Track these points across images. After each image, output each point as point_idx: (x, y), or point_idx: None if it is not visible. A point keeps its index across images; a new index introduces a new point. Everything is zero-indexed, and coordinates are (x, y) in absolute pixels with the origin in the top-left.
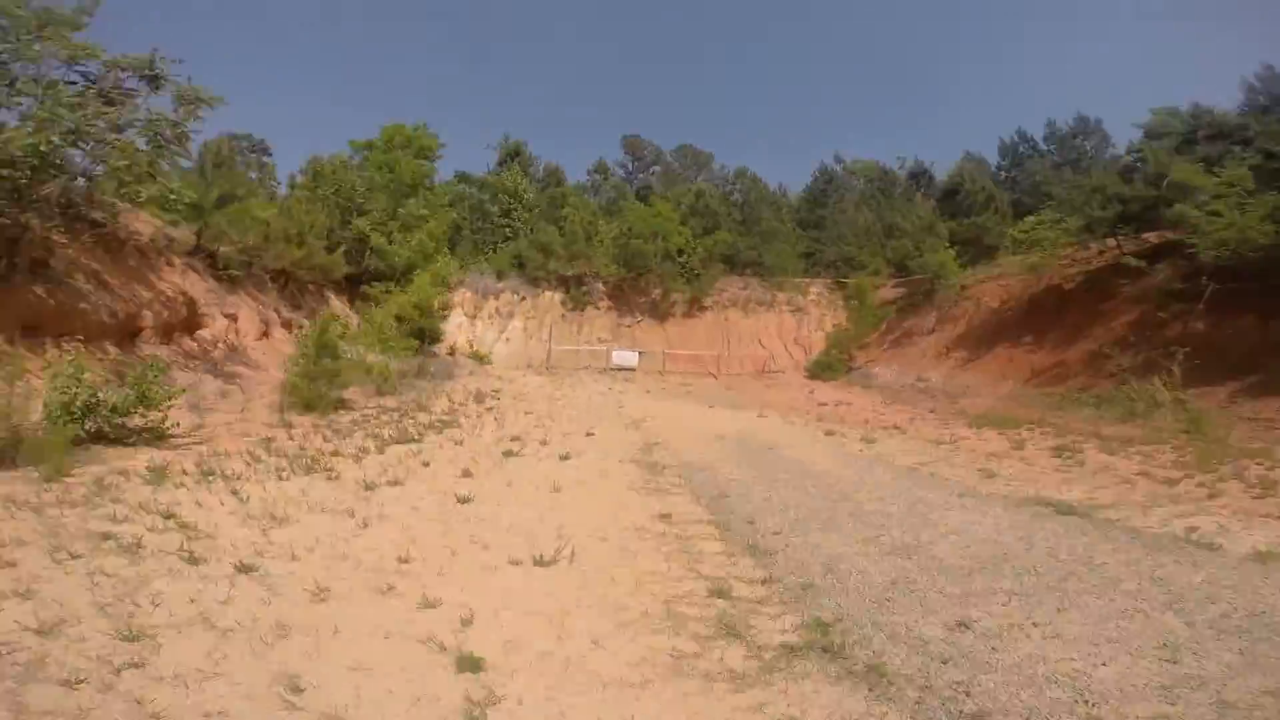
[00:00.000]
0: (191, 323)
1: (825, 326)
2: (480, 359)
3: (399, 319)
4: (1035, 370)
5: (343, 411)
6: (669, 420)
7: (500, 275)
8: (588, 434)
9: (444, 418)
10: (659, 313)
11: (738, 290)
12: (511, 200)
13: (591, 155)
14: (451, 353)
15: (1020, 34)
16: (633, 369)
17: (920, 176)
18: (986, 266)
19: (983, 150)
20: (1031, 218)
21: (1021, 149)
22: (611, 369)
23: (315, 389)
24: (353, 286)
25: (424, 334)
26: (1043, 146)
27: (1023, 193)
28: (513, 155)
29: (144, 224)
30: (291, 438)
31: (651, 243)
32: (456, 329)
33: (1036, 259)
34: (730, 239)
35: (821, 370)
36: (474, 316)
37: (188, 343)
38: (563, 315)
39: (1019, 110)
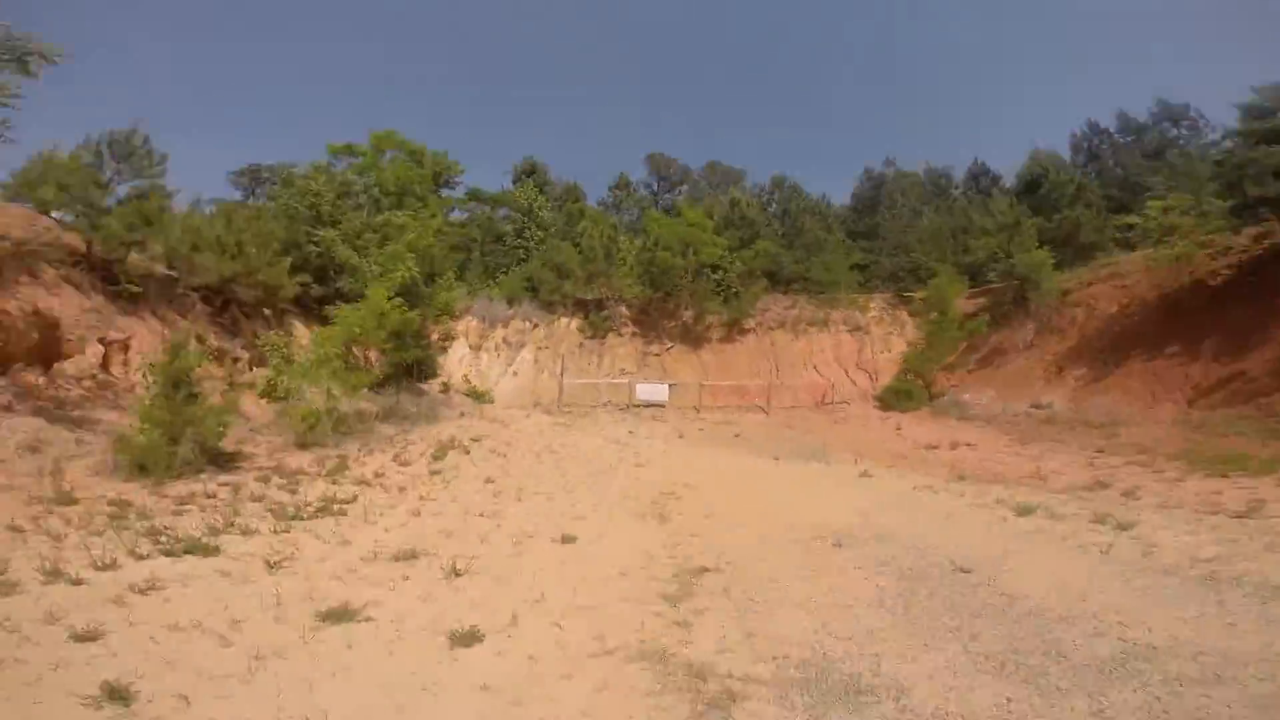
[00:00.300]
0: (47, 352)
1: (892, 348)
2: (478, 397)
3: (356, 344)
4: (1199, 387)
5: (213, 472)
6: (718, 489)
7: (511, 301)
8: (563, 539)
9: (348, 491)
10: (692, 338)
11: (783, 310)
12: (525, 219)
13: (613, 175)
14: (445, 389)
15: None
16: (663, 404)
17: (981, 177)
18: (1087, 268)
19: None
20: (1158, 202)
21: (1096, 141)
22: (637, 405)
23: (158, 442)
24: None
25: (413, 367)
26: (1119, 138)
27: (1111, 186)
28: (528, 173)
29: (18, 222)
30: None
31: (681, 257)
32: (458, 362)
33: (1179, 250)
34: (773, 249)
35: (898, 399)
36: (479, 348)
37: (30, 377)
38: (580, 344)
39: (1060, 111)
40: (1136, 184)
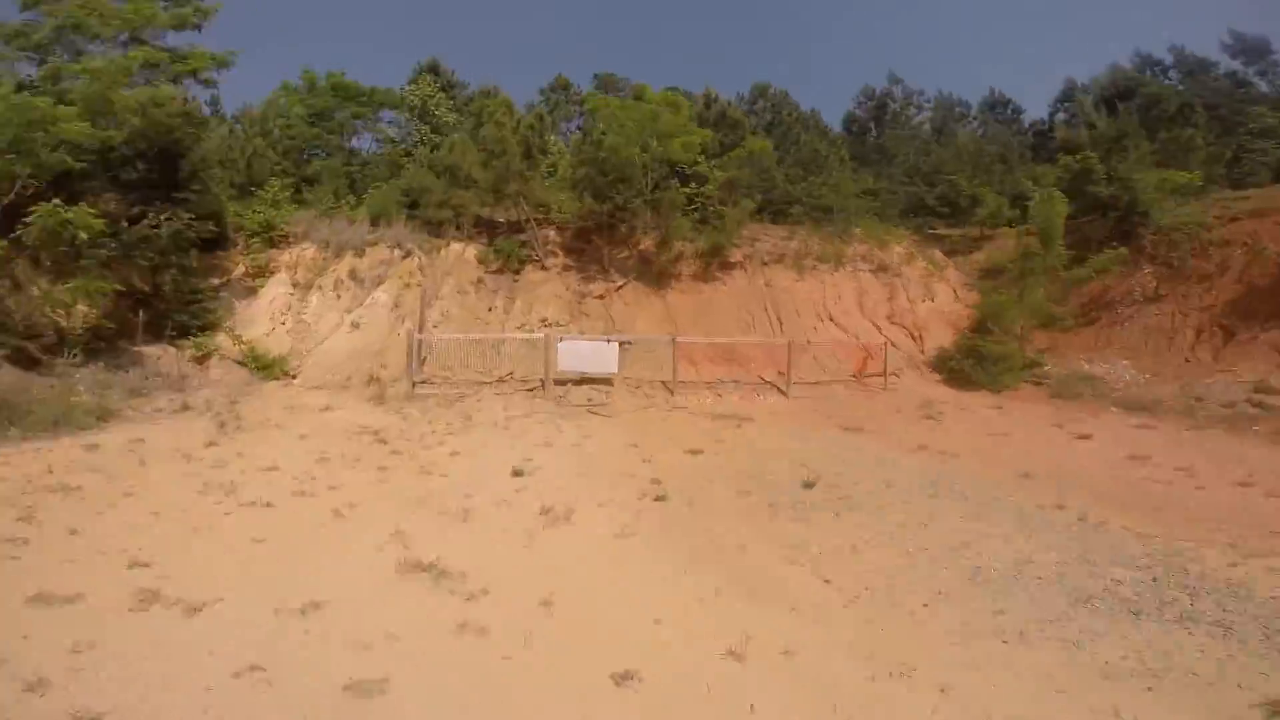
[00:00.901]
0: None
1: (935, 295)
2: (264, 368)
3: None
4: None
5: None
6: None
7: (378, 222)
8: None
9: None
10: (653, 274)
11: (779, 241)
12: (415, 120)
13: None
14: (203, 357)
15: None
16: (609, 379)
17: (1000, 107)
18: (1216, 198)
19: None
20: None
21: (1150, 72)
22: (561, 382)
23: None
24: None
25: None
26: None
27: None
28: (430, 69)
29: None
30: None
31: (641, 151)
32: (270, 308)
33: None
34: (768, 152)
35: (978, 370)
36: (309, 286)
37: None
38: (478, 281)
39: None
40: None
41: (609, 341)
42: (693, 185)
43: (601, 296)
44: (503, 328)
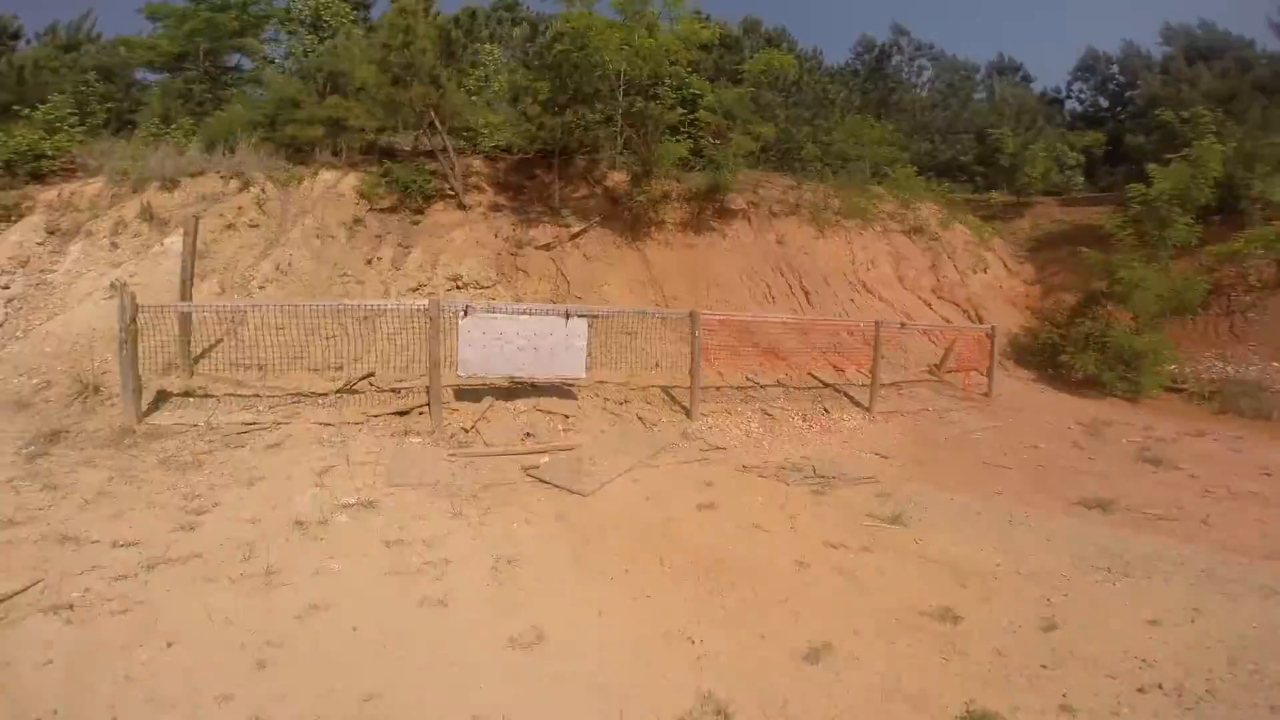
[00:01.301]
0: None
1: (987, 267)
2: None
3: None
4: None
5: None
6: None
7: (215, 147)
8: None
9: None
10: (628, 219)
11: (785, 190)
12: (304, 33)
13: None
14: None
15: None
16: (567, 388)
17: (1009, 73)
18: None
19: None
20: None
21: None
22: (472, 389)
23: None
24: None
25: None
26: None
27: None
28: None
29: None
30: None
31: (614, 58)
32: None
33: None
34: (791, 63)
35: (1106, 367)
36: (76, 232)
37: None
38: (355, 221)
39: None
40: None
41: (569, 316)
42: (684, 111)
43: (548, 246)
44: (386, 291)
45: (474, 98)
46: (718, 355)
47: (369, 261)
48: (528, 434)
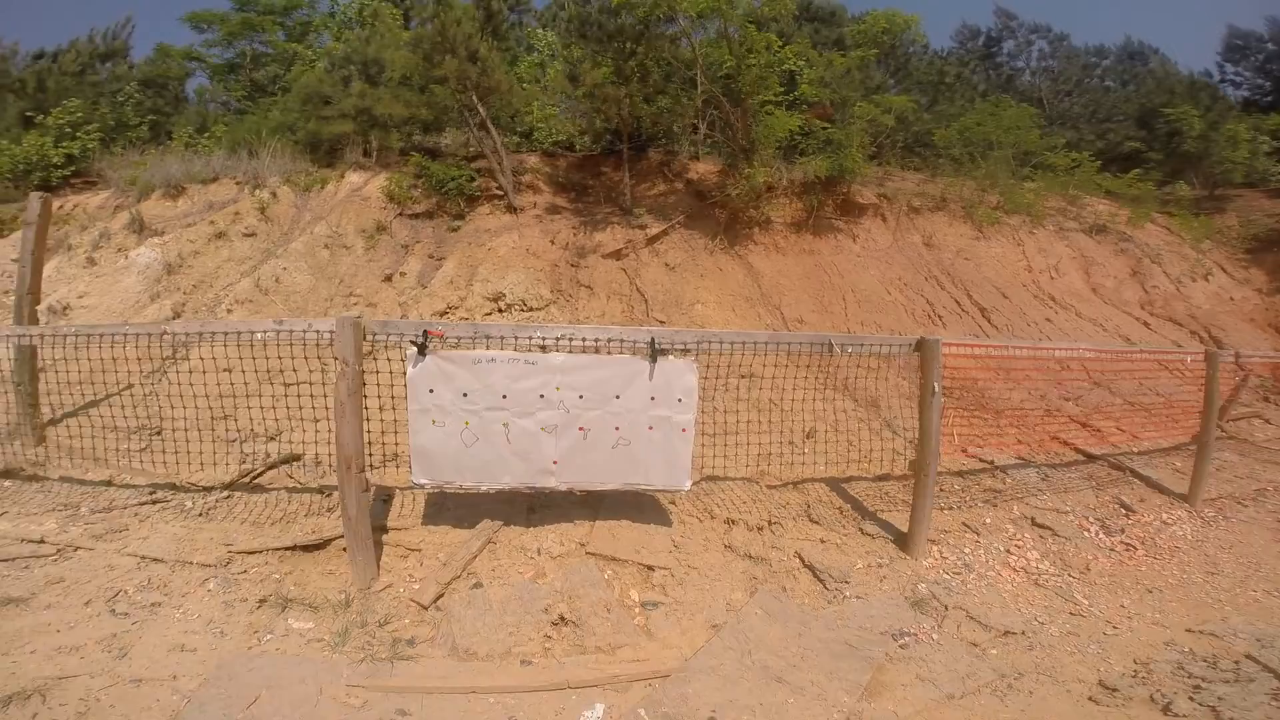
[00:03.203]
0: None
1: (1210, 276)
2: None
3: None
4: None
5: None
6: None
7: (238, 152)
8: None
9: None
10: (721, 218)
11: (919, 184)
12: (331, 32)
13: None
14: None
15: None
16: (654, 496)
17: (1138, 57)
18: None
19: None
20: None
21: None
22: (457, 491)
23: None
24: None
25: None
26: None
27: None
28: None
29: None
30: None
31: (697, 18)
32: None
33: None
34: (917, 22)
35: None
36: (61, 245)
37: None
38: (377, 229)
39: None
40: None
41: (659, 352)
42: (787, 93)
43: (619, 253)
44: (404, 314)
45: (524, 84)
46: (968, 423)
47: (388, 278)
48: (561, 619)
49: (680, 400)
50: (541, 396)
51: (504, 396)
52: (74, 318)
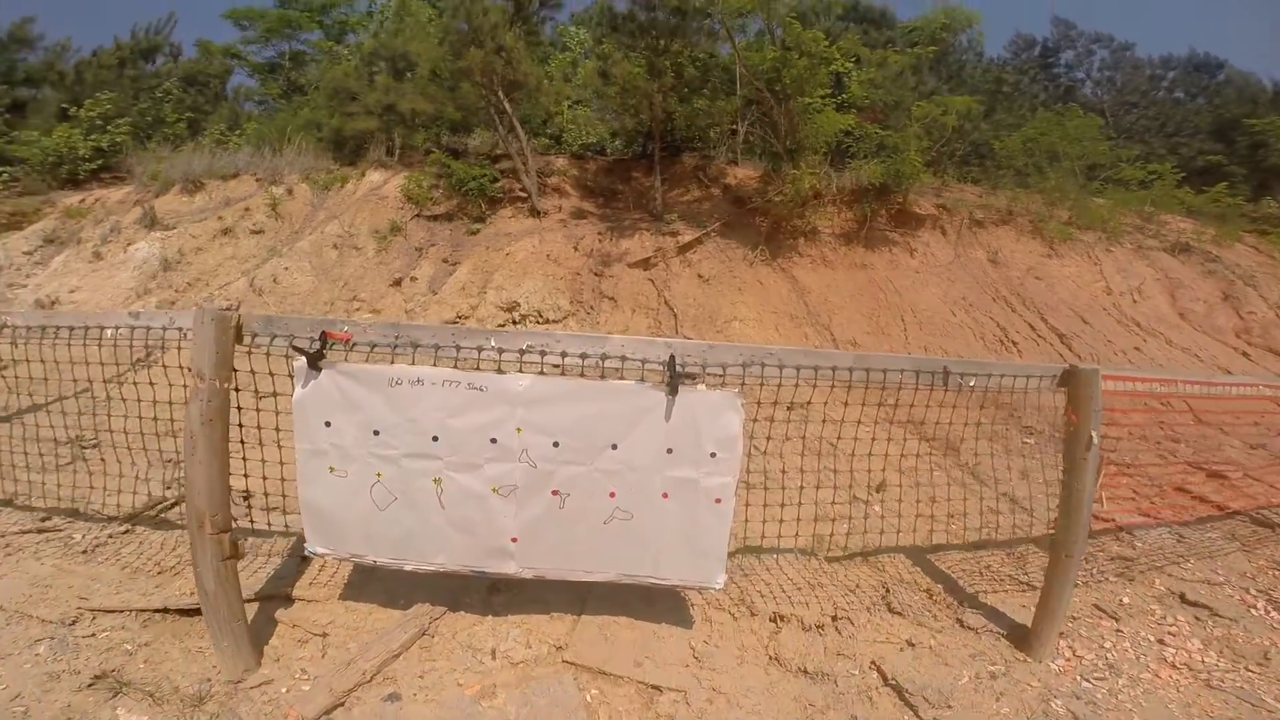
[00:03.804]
0: None
1: None
2: None
3: None
4: None
5: None
6: None
7: (262, 149)
8: None
9: None
10: (762, 226)
11: (981, 195)
12: (337, 32)
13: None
14: None
15: None
16: (668, 583)
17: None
18: None
19: None
20: None
21: None
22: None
23: None
24: None
25: None
26: None
27: None
28: None
29: None
30: None
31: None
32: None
33: None
34: (978, 20)
35: None
36: (70, 240)
37: None
38: (391, 229)
39: None
40: None
41: (676, 372)
42: (833, 95)
43: (647, 263)
44: (408, 315)
45: (553, 81)
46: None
47: (396, 282)
48: None
49: (714, 455)
50: (493, 441)
51: (435, 439)
52: (60, 312)
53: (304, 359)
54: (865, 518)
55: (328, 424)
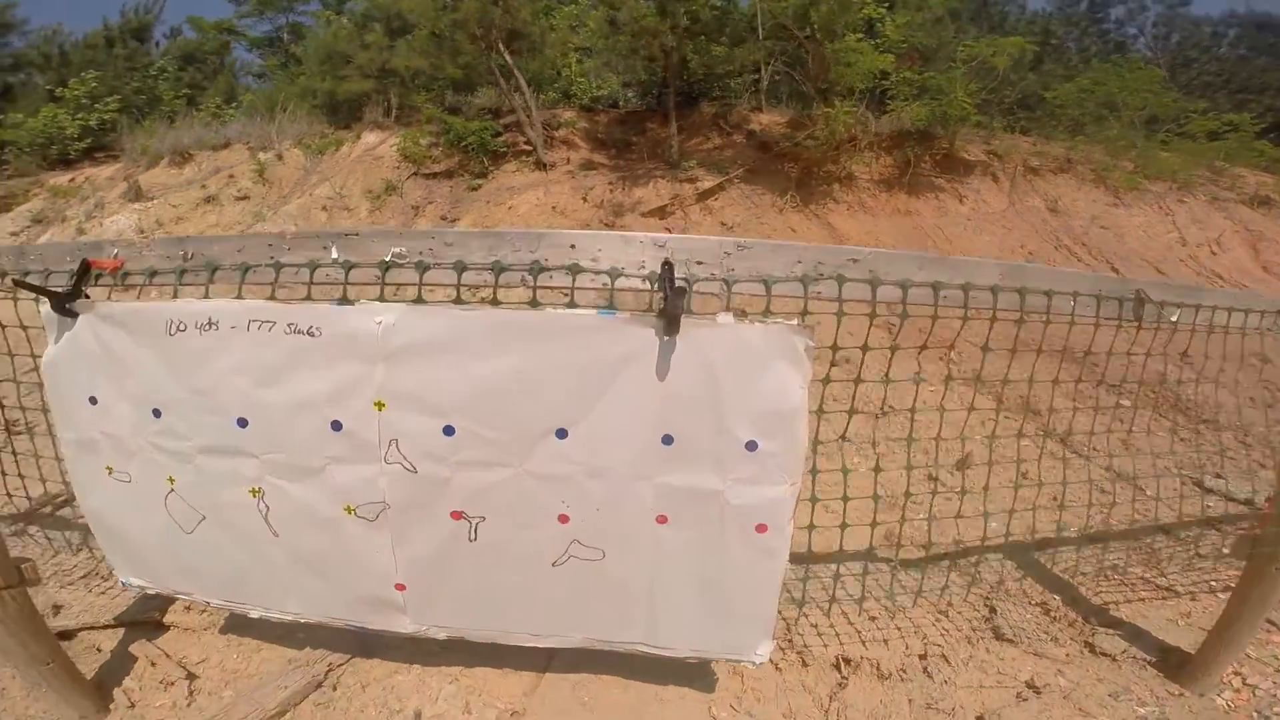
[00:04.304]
0: None
1: None
2: None
3: None
4: None
5: None
6: None
7: (255, 118)
8: None
9: None
10: (794, 176)
11: (1032, 144)
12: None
13: None
14: None
15: None
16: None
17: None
18: None
19: None
20: None
21: None
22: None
23: None
24: None
25: None
26: None
27: None
28: None
29: None
30: None
31: None
32: None
33: None
34: None
35: None
36: (56, 218)
37: None
38: (386, 189)
39: None
40: None
41: (678, 303)
42: (869, 37)
43: (663, 210)
44: (399, 289)
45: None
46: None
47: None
48: None
49: (754, 446)
50: (336, 426)
51: (242, 423)
52: None
53: (48, 302)
54: (945, 502)
55: (93, 400)
